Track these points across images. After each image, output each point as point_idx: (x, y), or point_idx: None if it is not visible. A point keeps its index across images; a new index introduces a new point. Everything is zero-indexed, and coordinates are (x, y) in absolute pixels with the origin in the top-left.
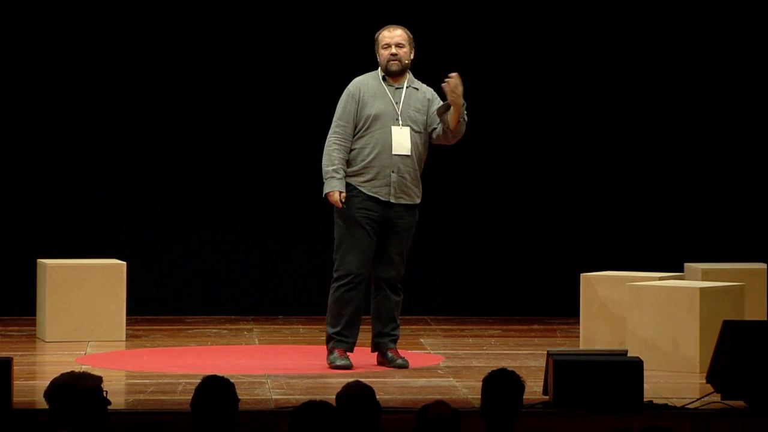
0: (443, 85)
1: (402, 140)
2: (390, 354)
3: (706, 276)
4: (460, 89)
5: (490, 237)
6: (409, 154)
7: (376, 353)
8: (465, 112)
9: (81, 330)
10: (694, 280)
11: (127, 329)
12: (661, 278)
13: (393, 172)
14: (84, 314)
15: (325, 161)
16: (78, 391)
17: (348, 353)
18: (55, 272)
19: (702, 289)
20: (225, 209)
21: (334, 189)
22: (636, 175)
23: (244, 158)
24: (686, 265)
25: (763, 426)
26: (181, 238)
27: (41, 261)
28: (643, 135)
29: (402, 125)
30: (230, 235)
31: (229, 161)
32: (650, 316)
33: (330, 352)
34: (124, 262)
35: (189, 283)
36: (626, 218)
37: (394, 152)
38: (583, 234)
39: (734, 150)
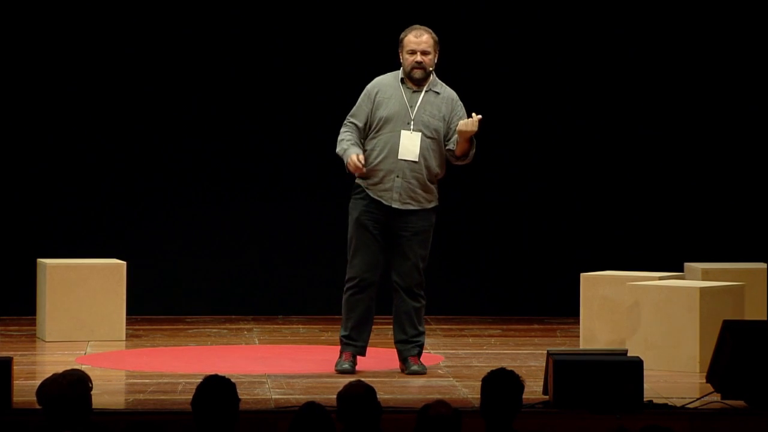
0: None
1: (410, 145)
2: (409, 360)
3: (706, 276)
4: (470, 127)
5: (490, 237)
6: (416, 159)
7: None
8: (473, 147)
9: (81, 330)
10: (694, 280)
11: (127, 329)
12: (661, 278)
13: (398, 176)
14: (84, 314)
15: (338, 148)
16: (63, 383)
17: (359, 356)
18: (55, 272)
19: (702, 289)
20: (225, 209)
21: (351, 153)
22: (636, 175)
23: (244, 158)
24: (686, 265)
25: (763, 426)
26: (181, 238)
27: (41, 261)
28: (643, 135)
29: (413, 130)
30: (230, 235)
31: (229, 161)
32: (650, 316)
33: (339, 355)
34: (124, 262)
35: (189, 283)
36: (626, 218)
37: (400, 157)
38: (583, 234)
39: (734, 150)
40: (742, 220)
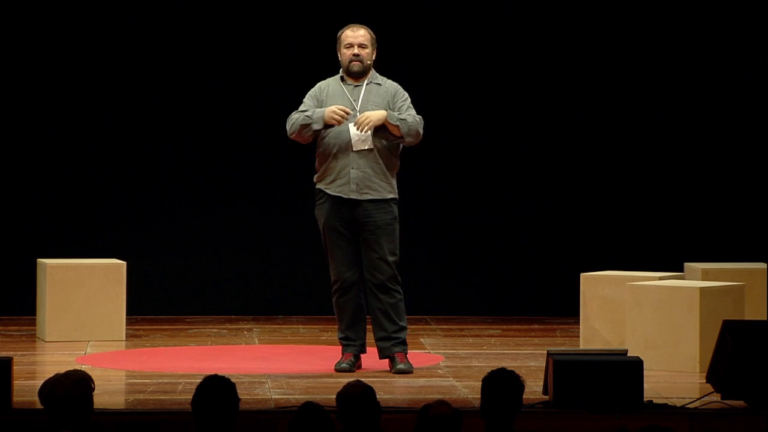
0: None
1: (361, 136)
2: (396, 359)
3: (706, 276)
4: (365, 125)
5: (490, 237)
6: (370, 148)
7: (387, 360)
8: (396, 121)
9: (81, 330)
10: (694, 280)
11: (127, 329)
12: (661, 278)
13: (353, 168)
14: (84, 314)
15: (297, 122)
16: (65, 383)
17: (362, 354)
18: (55, 272)
19: (702, 289)
20: (225, 209)
21: (325, 109)
22: (636, 174)
23: (244, 158)
24: (686, 265)
25: (763, 426)
26: (181, 238)
27: (41, 261)
28: (643, 135)
29: None
30: (230, 236)
31: (229, 162)
32: (650, 316)
33: (341, 355)
34: (124, 262)
35: (189, 283)
36: (626, 218)
37: (354, 149)
38: (583, 234)
39: (734, 150)
40: (742, 220)
